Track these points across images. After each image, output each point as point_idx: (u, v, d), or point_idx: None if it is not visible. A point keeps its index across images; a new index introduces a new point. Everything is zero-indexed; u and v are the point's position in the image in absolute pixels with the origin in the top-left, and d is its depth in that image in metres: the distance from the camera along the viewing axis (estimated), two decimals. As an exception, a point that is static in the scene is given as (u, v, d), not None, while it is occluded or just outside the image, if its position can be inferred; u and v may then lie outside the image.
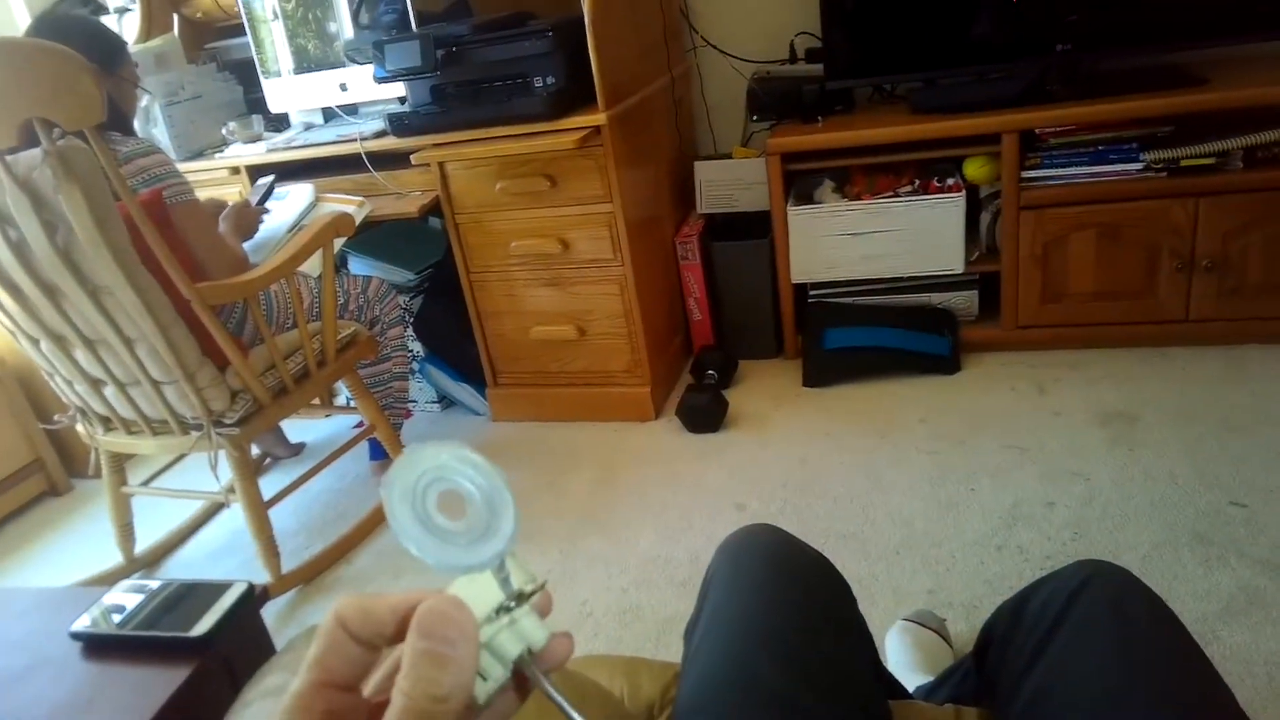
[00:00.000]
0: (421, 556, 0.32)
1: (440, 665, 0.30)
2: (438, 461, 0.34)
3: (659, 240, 2.36)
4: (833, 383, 2.30)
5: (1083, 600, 0.76)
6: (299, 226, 2.12)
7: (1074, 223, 2.08)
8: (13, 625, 0.90)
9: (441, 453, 0.35)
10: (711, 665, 0.75)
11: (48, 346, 1.68)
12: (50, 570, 2.12)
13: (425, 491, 0.33)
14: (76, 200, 1.40)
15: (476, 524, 0.34)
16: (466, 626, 0.32)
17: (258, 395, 1.73)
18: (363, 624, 0.33)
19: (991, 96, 2.10)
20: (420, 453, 0.34)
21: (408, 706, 0.30)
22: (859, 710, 0.73)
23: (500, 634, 0.34)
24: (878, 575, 1.62)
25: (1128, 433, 1.89)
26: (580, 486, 2.07)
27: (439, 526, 0.33)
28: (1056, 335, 2.23)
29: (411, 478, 0.33)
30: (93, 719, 0.74)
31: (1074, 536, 1.62)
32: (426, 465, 0.34)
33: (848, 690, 0.74)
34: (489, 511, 0.35)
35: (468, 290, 2.30)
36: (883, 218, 2.21)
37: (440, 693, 0.30)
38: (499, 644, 0.34)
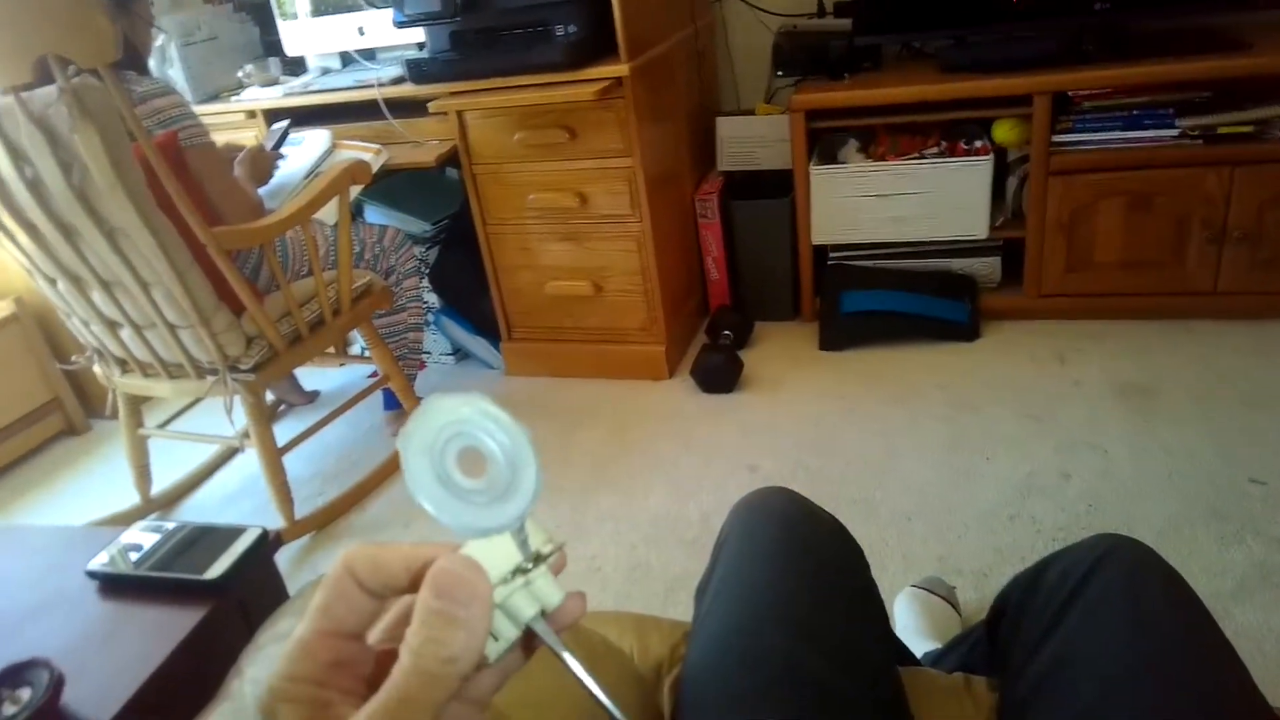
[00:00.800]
0: (438, 516, 0.31)
1: (452, 627, 0.30)
2: (459, 415, 0.33)
3: (678, 197, 2.33)
4: (850, 347, 2.28)
5: (1100, 575, 0.75)
6: (315, 173, 2.10)
7: (1104, 190, 2.03)
8: (30, 561, 0.91)
9: (463, 406, 0.33)
10: (721, 629, 0.75)
11: (64, 287, 1.68)
12: (66, 509, 2.15)
13: (445, 447, 0.32)
14: (92, 139, 1.39)
15: (497, 483, 0.33)
16: (481, 589, 0.31)
17: (273, 342, 1.73)
18: (372, 574, 0.32)
19: (1024, 56, 2.04)
20: (441, 405, 0.32)
21: (416, 665, 0.29)
22: (868, 677, 0.72)
23: (515, 595, 0.33)
24: (888, 541, 1.61)
25: (1147, 406, 1.87)
26: (592, 443, 2.07)
27: (458, 485, 0.32)
28: (1079, 305, 2.19)
29: (431, 432, 0.32)
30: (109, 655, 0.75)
31: (1088, 509, 1.61)
32: (447, 419, 0.32)
33: (857, 658, 0.73)
34: (510, 470, 0.33)
35: (484, 243, 2.28)
36: (907, 179, 2.17)
37: (449, 654, 0.29)
38: (513, 604, 0.33)
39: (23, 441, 2.35)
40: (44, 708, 0.67)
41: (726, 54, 2.62)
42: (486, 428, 0.33)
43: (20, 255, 1.66)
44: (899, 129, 2.24)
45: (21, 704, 0.67)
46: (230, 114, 2.37)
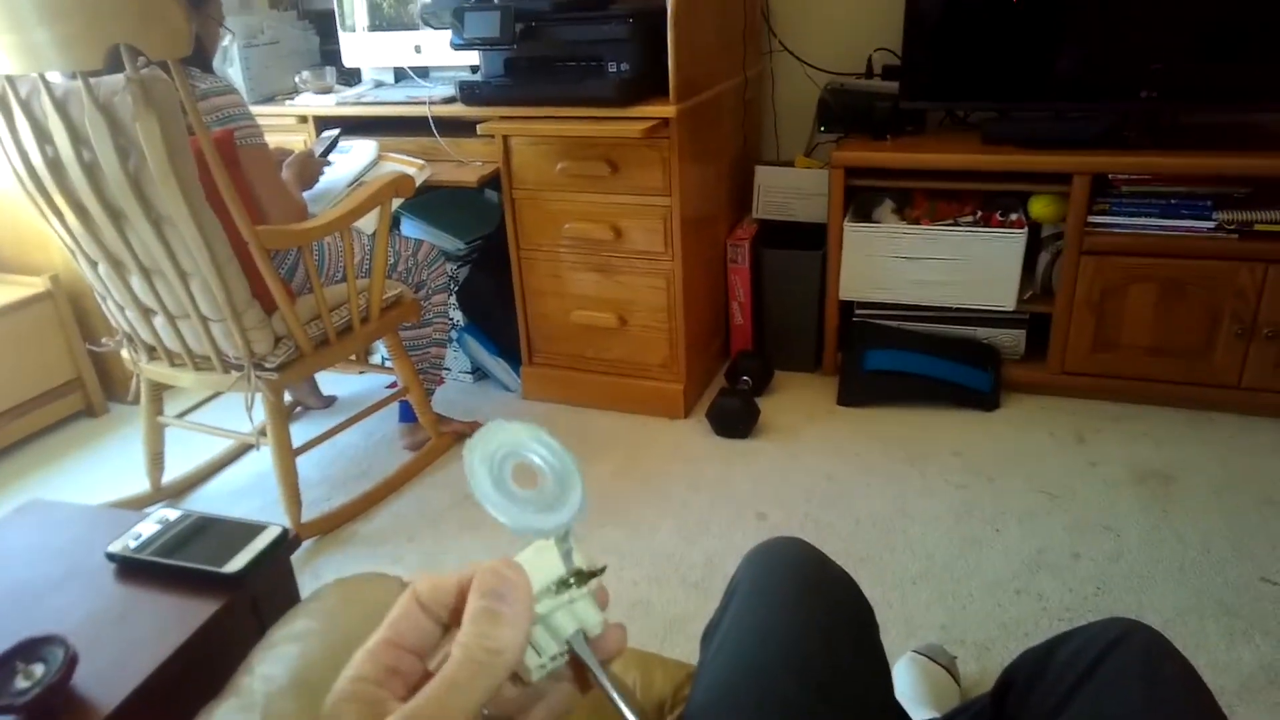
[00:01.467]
0: (496, 515, 0.34)
1: (495, 620, 0.32)
2: (516, 437, 0.37)
3: (711, 239, 2.35)
4: (868, 404, 2.28)
5: (1114, 658, 0.74)
6: (359, 182, 2.13)
7: (1136, 273, 2.04)
8: (52, 536, 0.92)
9: (521, 430, 0.37)
10: (728, 672, 0.74)
11: (105, 270, 1.71)
12: (77, 488, 2.17)
13: (503, 461, 0.35)
14: (152, 129, 1.43)
15: (546, 495, 0.36)
16: (520, 584, 0.34)
17: (300, 343, 1.75)
18: (431, 595, 0.35)
19: (1067, 135, 2.06)
20: (503, 426, 0.37)
21: (465, 656, 0.31)
22: (874, 735, 0.72)
23: (558, 611, 0.35)
24: (891, 603, 1.60)
25: (1164, 493, 1.85)
26: (602, 474, 2.07)
27: (512, 492, 0.35)
28: (1102, 385, 2.18)
29: (491, 446, 0.36)
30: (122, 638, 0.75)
31: (1096, 591, 1.59)
32: (505, 438, 0.36)
33: (864, 714, 0.73)
34: (559, 486, 0.37)
35: (515, 266, 2.31)
36: (940, 245, 2.18)
37: (495, 645, 0.32)
38: (555, 620, 0.35)
39: (41, 417, 2.37)
40: (56, 685, 0.68)
41: (771, 105, 2.66)
42: (538, 450, 0.37)
43: (66, 235, 1.69)
44: (936, 194, 2.26)
45: (35, 679, 0.68)
46: (283, 117, 2.43)
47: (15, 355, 2.29)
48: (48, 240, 2.32)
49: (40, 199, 1.64)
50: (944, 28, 2.15)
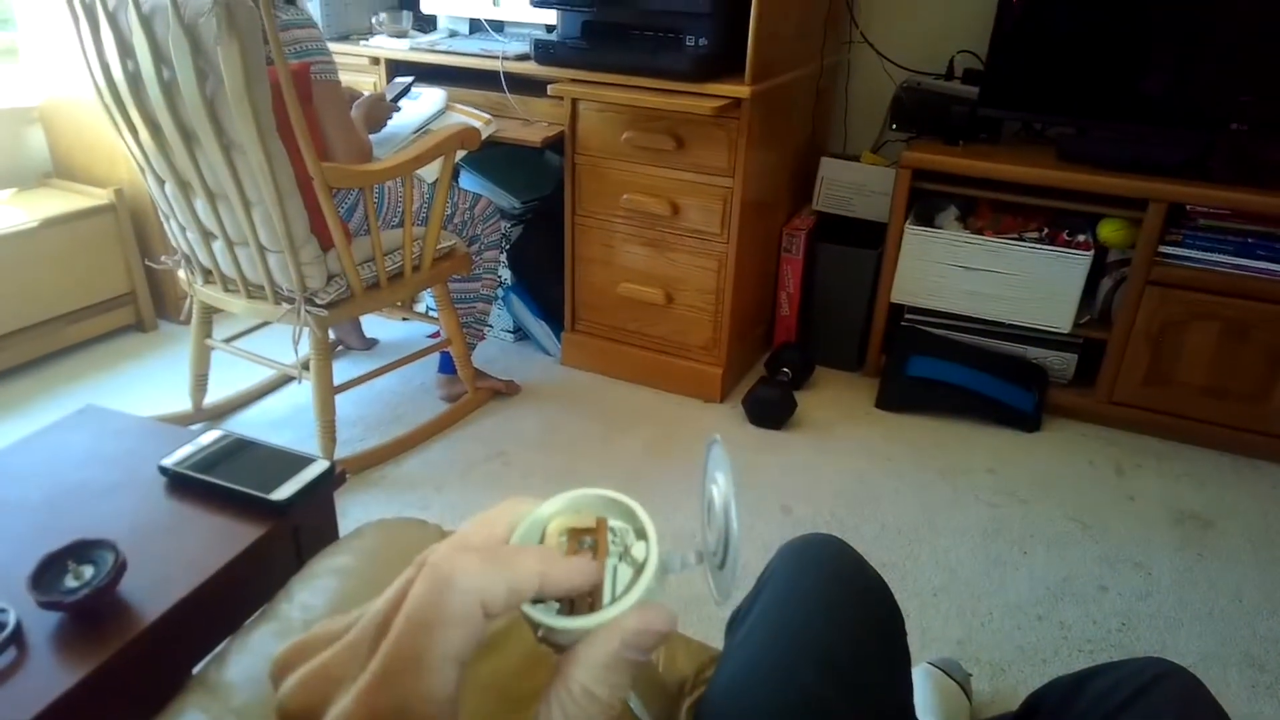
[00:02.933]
0: None
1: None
2: None
3: (767, 226, 2.33)
4: (907, 410, 2.25)
5: (1150, 698, 0.73)
6: (425, 130, 2.13)
7: (1201, 310, 1.99)
8: (106, 444, 0.94)
9: None
10: (755, 659, 0.74)
11: (171, 190, 1.73)
12: (122, 399, 2.21)
13: None
14: (232, 54, 1.43)
15: None
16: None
17: (352, 283, 1.77)
18: None
19: (1147, 160, 2.00)
20: None
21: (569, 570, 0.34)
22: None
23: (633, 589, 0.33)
24: (910, 613, 1.59)
25: (1200, 537, 1.82)
26: (632, 448, 2.07)
27: None
28: (1150, 420, 2.14)
29: None
30: (170, 551, 0.77)
31: (1121, 627, 1.57)
32: None
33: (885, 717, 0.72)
34: None
35: (569, 231, 2.30)
36: (1001, 258, 2.14)
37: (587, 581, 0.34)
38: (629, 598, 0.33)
39: (93, 326, 2.43)
40: (105, 588, 0.69)
41: (844, 96, 2.61)
42: None
43: (138, 151, 1.72)
44: (1003, 206, 2.21)
45: (84, 580, 0.69)
46: (355, 56, 2.43)
47: (73, 263, 2.34)
48: (117, 154, 2.35)
49: (117, 112, 1.66)
50: (1032, 36, 2.09)
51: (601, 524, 0.35)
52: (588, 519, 0.35)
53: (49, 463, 0.89)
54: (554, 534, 0.34)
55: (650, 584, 0.33)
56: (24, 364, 2.30)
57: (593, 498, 0.36)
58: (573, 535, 0.34)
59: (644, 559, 0.33)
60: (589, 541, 0.34)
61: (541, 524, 0.34)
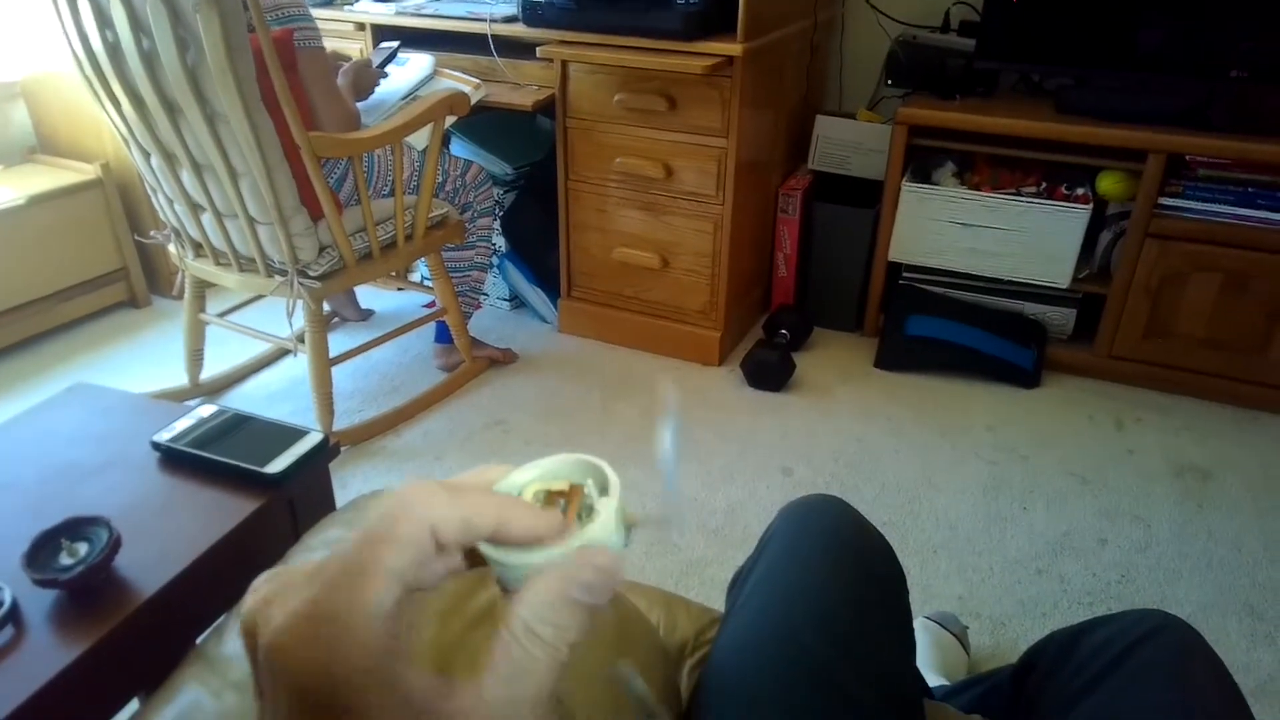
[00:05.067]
0: None
1: None
2: None
3: (763, 187, 2.30)
4: (906, 369, 2.24)
5: (1147, 648, 0.73)
6: (413, 96, 2.10)
7: (1200, 262, 1.97)
8: (98, 421, 0.93)
9: None
10: (756, 622, 0.74)
11: (157, 162, 1.71)
12: (116, 377, 2.21)
13: None
14: (212, 22, 1.40)
15: None
16: None
17: (344, 254, 1.75)
18: None
19: (1146, 110, 1.97)
20: None
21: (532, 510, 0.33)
22: (895, 697, 0.72)
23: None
24: (910, 570, 1.58)
25: (1200, 489, 1.82)
26: (630, 414, 2.07)
27: None
28: (1149, 374, 2.13)
29: None
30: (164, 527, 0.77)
31: (1121, 579, 1.58)
32: None
33: (888, 678, 0.73)
34: None
35: (562, 196, 2.28)
36: (999, 214, 2.12)
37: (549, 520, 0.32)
38: None
39: (85, 304, 2.41)
40: (99, 564, 0.69)
41: (839, 53, 2.57)
42: None
43: (121, 124, 1.69)
44: (1000, 161, 2.18)
45: (79, 557, 0.69)
46: (340, 22, 2.38)
47: (63, 240, 2.31)
48: (102, 127, 2.32)
49: (98, 84, 1.63)
50: (1031, -14, 2.05)
51: (575, 489, 0.34)
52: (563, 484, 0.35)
53: (39, 442, 0.89)
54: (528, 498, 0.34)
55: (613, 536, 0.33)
56: (16, 344, 2.29)
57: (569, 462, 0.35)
58: (548, 499, 0.34)
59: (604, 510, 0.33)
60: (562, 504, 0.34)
61: (516, 489, 0.34)
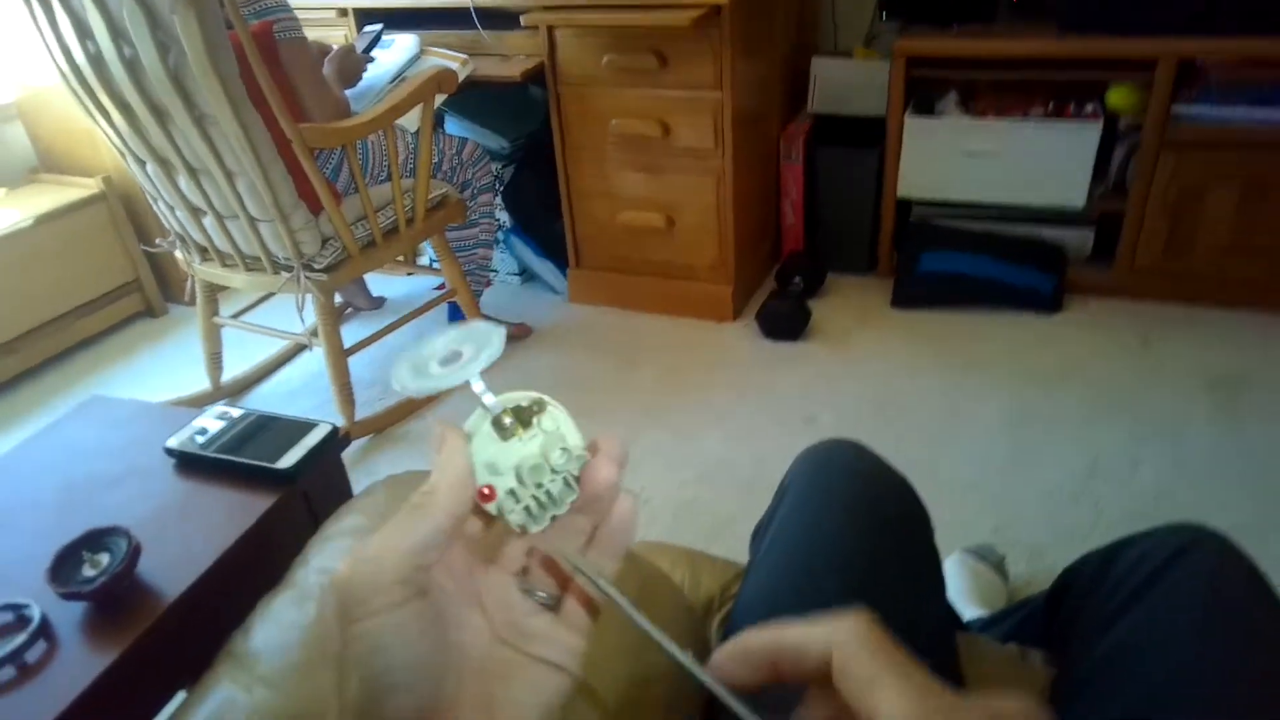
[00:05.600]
0: (415, 390, 0.35)
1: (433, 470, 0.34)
2: (440, 340, 0.37)
3: (763, 136, 2.26)
4: (923, 307, 2.21)
5: (1182, 564, 0.72)
6: (401, 78, 2.08)
7: (1220, 170, 1.91)
8: (113, 432, 0.94)
9: (445, 332, 0.38)
10: (775, 573, 0.74)
11: (153, 169, 1.71)
12: (140, 387, 2.23)
13: (429, 355, 0.37)
14: (190, 22, 1.39)
15: (462, 360, 0.36)
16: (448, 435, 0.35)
17: (347, 244, 1.75)
18: None
19: (1153, 18, 1.90)
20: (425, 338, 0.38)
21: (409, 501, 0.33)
22: (922, 638, 0.71)
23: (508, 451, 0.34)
24: (942, 507, 1.56)
25: (1233, 401, 1.79)
26: (648, 378, 2.06)
27: (429, 372, 0.36)
28: (1174, 288, 2.09)
29: (415, 353, 0.37)
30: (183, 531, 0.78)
31: (1156, 499, 1.56)
32: (430, 345, 0.37)
33: (913, 617, 0.72)
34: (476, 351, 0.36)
35: (561, 165, 2.25)
36: (1007, 140, 2.07)
37: (428, 487, 0.33)
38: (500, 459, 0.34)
39: (102, 318, 2.43)
40: (121, 573, 0.70)
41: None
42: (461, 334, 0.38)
43: (113, 134, 1.69)
44: (1005, 86, 2.13)
45: (101, 568, 0.70)
46: (322, 10, 2.36)
47: (74, 256, 2.33)
48: (100, 140, 2.32)
49: (85, 97, 1.63)
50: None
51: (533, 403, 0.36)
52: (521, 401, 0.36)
53: (57, 457, 0.90)
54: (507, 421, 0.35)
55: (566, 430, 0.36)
56: (40, 364, 2.32)
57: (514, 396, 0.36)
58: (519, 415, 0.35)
59: None
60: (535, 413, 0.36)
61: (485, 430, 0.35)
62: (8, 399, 2.22)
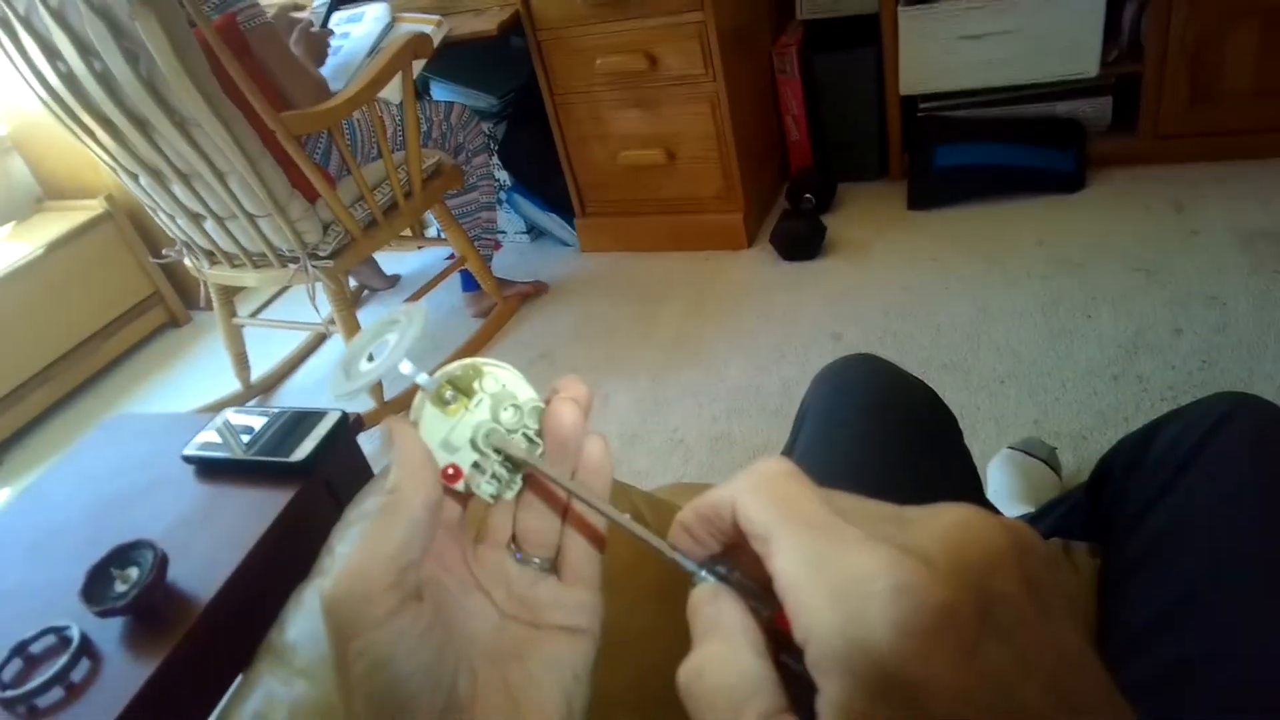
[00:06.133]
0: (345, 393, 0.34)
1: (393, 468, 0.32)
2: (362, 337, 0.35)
3: (754, 53, 2.19)
4: (941, 204, 2.15)
5: (1221, 436, 0.69)
6: (377, 50, 2.04)
7: (1236, 9, 1.80)
8: (132, 448, 0.96)
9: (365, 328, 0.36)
10: (804, 498, 0.72)
11: (146, 181, 1.71)
12: (175, 396, 2.28)
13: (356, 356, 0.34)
14: (152, 25, 1.37)
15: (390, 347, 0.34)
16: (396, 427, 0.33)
17: (348, 227, 1.74)
18: None
19: None
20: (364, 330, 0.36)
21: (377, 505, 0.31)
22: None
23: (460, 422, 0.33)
24: (980, 405, 1.55)
25: (1274, 254, 1.71)
26: (670, 317, 2.04)
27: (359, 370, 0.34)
28: (1202, 145, 1.99)
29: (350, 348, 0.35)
30: (208, 535, 0.79)
31: (1202, 366, 1.51)
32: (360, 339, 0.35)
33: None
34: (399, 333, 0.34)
35: (553, 115, 2.21)
36: (1007, 15, 1.97)
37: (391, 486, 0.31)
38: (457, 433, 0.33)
39: (130, 334, 2.47)
40: (151, 585, 0.71)
41: (803, -114, 2.38)
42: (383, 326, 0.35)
43: (101, 152, 1.69)
44: (998, -43, 2.01)
45: (131, 581, 0.72)
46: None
47: (91, 279, 2.36)
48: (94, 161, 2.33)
49: (67, 118, 1.63)
50: None
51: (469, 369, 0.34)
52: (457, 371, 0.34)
53: (83, 479, 0.92)
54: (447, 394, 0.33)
55: None
56: (75, 389, 2.37)
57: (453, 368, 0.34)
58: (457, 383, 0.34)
59: None
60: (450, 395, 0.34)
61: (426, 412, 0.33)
62: (47, 428, 2.28)
